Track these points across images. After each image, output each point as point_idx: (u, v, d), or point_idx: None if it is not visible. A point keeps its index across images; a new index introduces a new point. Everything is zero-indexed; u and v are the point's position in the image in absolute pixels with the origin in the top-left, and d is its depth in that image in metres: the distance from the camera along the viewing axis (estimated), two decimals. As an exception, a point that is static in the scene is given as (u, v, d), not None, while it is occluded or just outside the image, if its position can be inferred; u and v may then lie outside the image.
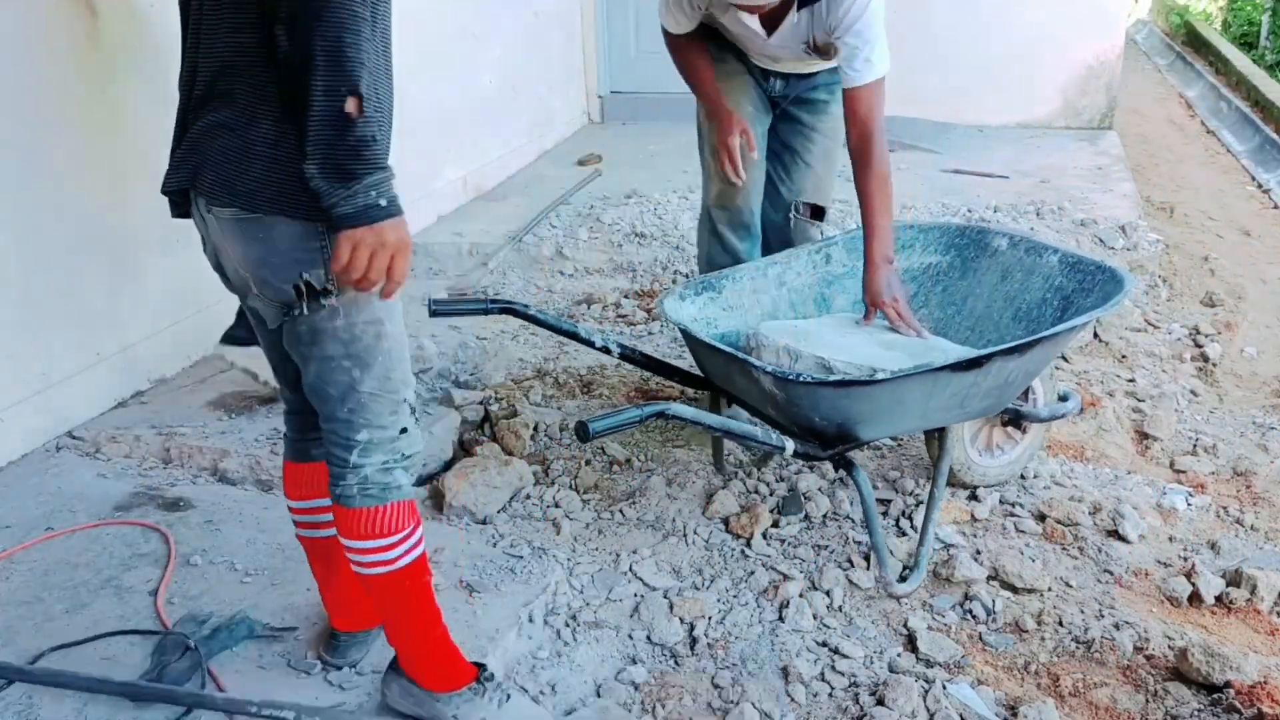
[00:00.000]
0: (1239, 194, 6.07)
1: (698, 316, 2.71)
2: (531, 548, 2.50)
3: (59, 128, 2.85)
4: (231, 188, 1.54)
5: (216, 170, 1.55)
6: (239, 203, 1.54)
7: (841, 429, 2.32)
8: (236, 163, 1.53)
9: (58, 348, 2.93)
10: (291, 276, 1.56)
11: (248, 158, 1.52)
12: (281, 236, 1.54)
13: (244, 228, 1.55)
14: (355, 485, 1.73)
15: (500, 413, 3.20)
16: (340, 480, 1.74)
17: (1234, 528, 2.81)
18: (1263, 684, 2.12)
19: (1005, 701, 2.13)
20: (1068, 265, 2.74)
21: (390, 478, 1.75)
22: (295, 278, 1.56)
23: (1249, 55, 9.58)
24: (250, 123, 1.52)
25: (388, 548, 1.75)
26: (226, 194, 1.55)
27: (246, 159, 1.52)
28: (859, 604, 2.45)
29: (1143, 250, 4.54)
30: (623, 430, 1.96)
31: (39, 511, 2.60)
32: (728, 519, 2.72)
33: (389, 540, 1.75)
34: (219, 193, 1.56)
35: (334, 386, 1.68)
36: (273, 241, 1.55)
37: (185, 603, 2.26)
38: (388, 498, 1.74)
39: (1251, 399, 3.63)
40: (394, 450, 1.75)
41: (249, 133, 1.52)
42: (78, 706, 1.95)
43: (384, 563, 1.76)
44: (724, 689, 2.18)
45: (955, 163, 5.81)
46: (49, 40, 2.82)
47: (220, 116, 1.55)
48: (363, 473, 1.73)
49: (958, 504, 2.78)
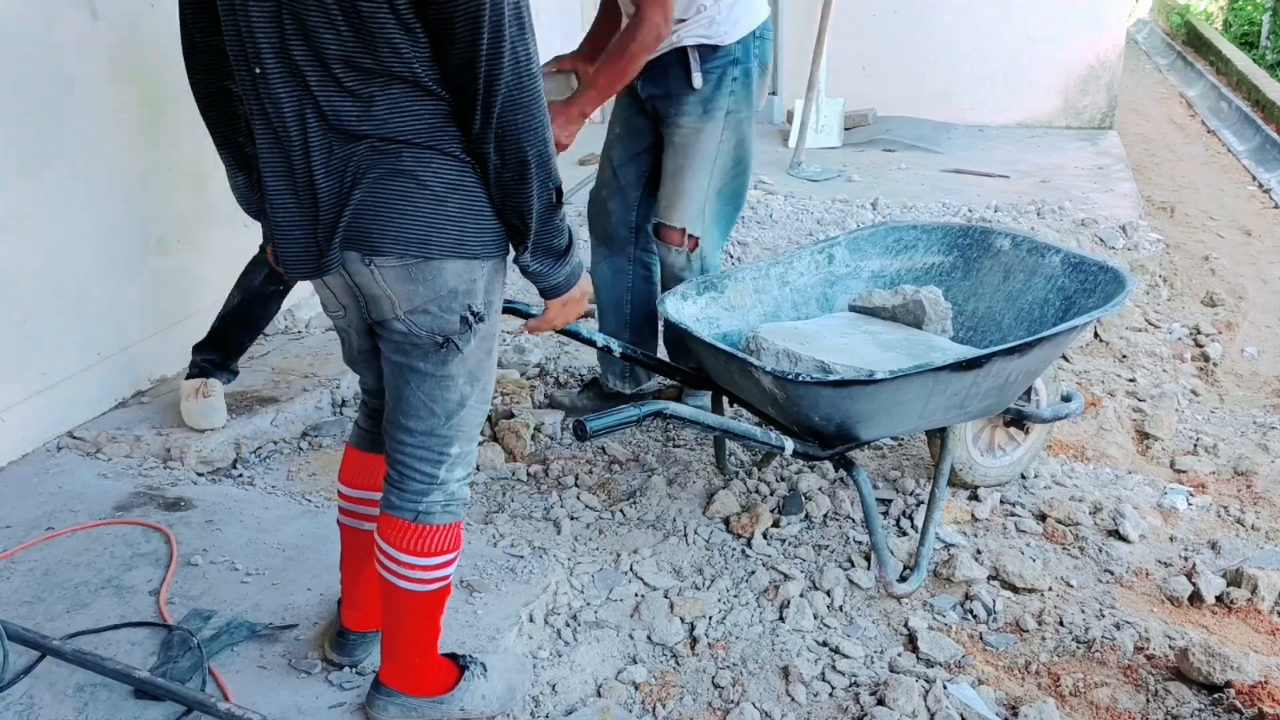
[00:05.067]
0: (1239, 194, 6.07)
1: (699, 316, 2.71)
2: (532, 547, 2.50)
3: (59, 128, 2.85)
4: (407, 237, 1.55)
5: (389, 222, 1.55)
6: (412, 250, 1.56)
7: (841, 429, 2.32)
8: (409, 212, 1.54)
9: (58, 348, 2.93)
10: (459, 310, 1.62)
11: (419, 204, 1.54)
12: (450, 275, 1.59)
13: (411, 272, 1.57)
14: (440, 502, 1.75)
15: (500, 412, 3.20)
16: (424, 496, 1.75)
17: (1234, 527, 2.81)
18: (1263, 684, 2.12)
19: (1006, 701, 2.13)
20: (1070, 265, 2.74)
21: (466, 493, 1.80)
22: (463, 310, 1.62)
23: (1249, 55, 9.58)
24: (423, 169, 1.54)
25: (442, 565, 1.78)
26: (400, 244, 1.55)
27: (419, 205, 1.54)
28: (859, 604, 2.45)
29: (1143, 250, 4.54)
30: (620, 429, 1.96)
31: (40, 511, 2.60)
32: (728, 519, 2.72)
33: (446, 558, 1.78)
34: (389, 244, 1.55)
35: (442, 404, 1.70)
36: (442, 280, 1.59)
37: (186, 602, 2.26)
38: (460, 514, 1.79)
39: (1252, 398, 3.63)
40: (470, 465, 1.79)
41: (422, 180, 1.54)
42: (78, 706, 1.95)
43: (434, 580, 1.78)
44: (724, 689, 2.18)
45: (956, 162, 5.81)
46: (49, 41, 2.81)
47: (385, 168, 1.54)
48: (449, 488, 1.76)
49: (958, 503, 2.78)
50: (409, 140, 1.52)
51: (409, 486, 1.75)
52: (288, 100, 1.52)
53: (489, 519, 2.74)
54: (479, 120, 1.49)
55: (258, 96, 1.55)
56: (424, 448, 1.73)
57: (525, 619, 2.25)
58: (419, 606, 1.81)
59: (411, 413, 1.71)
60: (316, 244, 1.58)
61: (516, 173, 1.53)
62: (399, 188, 1.54)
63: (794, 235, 4.71)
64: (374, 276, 1.58)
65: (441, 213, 1.55)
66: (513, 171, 1.53)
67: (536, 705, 2.09)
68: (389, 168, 1.53)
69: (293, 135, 1.53)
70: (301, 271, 1.63)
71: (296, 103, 1.52)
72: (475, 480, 2.94)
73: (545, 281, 1.69)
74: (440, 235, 1.56)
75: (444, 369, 1.67)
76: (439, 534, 1.76)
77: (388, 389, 1.75)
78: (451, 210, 1.55)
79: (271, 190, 1.59)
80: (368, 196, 1.54)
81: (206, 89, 1.69)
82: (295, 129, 1.53)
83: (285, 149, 1.55)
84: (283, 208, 1.59)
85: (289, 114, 1.52)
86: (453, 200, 1.55)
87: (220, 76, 1.65)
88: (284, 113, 1.52)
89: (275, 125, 1.54)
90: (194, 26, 1.64)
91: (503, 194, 1.57)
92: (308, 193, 1.56)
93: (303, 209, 1.57)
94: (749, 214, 4.92)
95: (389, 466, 1.78)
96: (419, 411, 1.71)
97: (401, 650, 1.85)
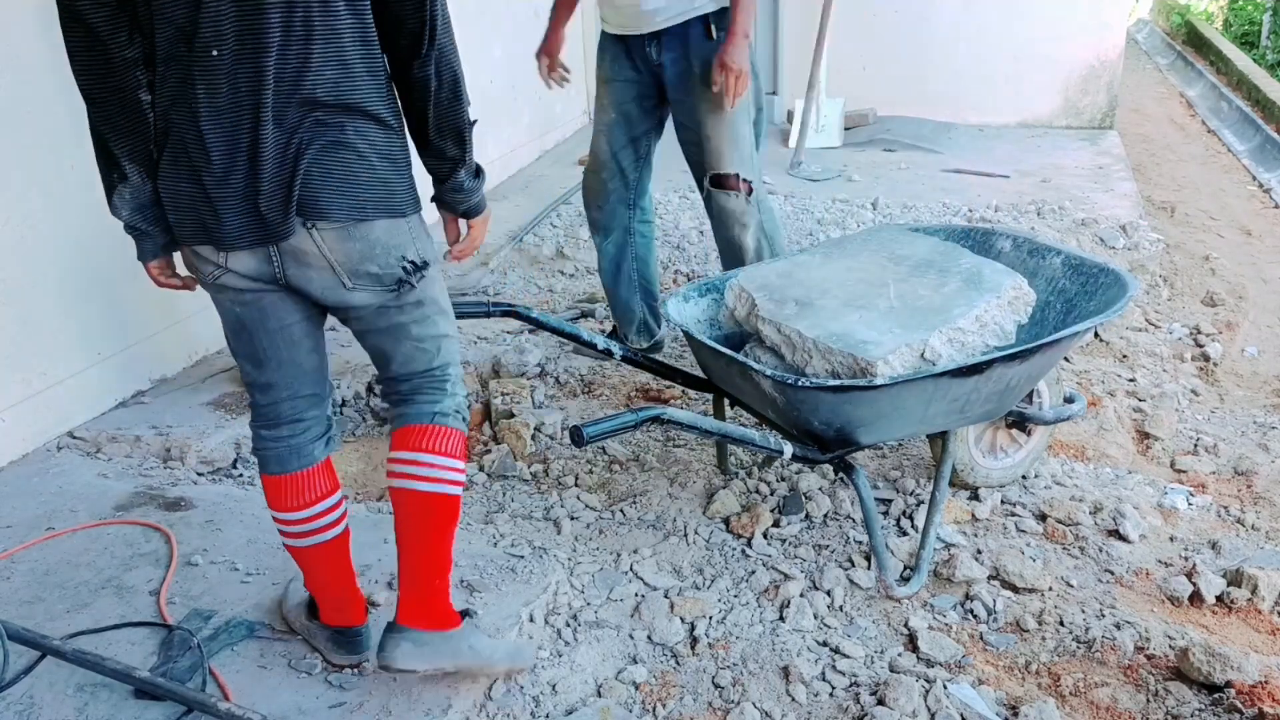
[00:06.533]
0: (1240, 193, 6.06)
1: (700, 318, 2.71)
2: (532, 547, 2.50)
3: (59, 128, 2.85)
4: (349, 203, 1.73)
5: (335, 190, 1.72)
6: (354, 215, 1.74)
7: (841, 433, 2.32)
8: (350, 180, 1.73)
9: (58, 348, 2.93)
10: (395, 261, 1.80)
11: (360, 171, 1.73)
12: (380, 231, 1.77)
13: (349, 231, 1.75)
14: (453, 409, 1.97)
15: (500, 412, 3.20)
16: (438, 403, 1.95)
17: (1235, 527, 2.81)
18: (1264, 684, 2.12)
19: (1006, 701, 2.13)
20: (1071, 267, 2.73)
21: (466, 410, 2.02)
22: (400, 261, 1.80)
23: (1250, 55, 9.58)
24: (360, 139, 1.73)
25: (461, 469, 1.97)
26: (343, 209, 1.73)
27: (359, 172, 1.73)
28: (860, 604, 2.45)
29: (1144, 250, 4.54)
30: (617, 435, 1.97)
31: (40, 511, 2.61)
32: (728, 519, 2.72)
33: (463, 463, 1.97)
34: (334, 210, 1.72)
35: (431, 342, 1.92)
36: (375, 236, 1.77)
37: (186, 602, 2.26)
38: (465, 427, 2.01)
39: (1252, 398, 3.63)
40: (462, 385, 2.01)
41: (360, 148, 1.73)
42: (78, 706, 1.95)
43: (456, 481, 1.95)
44: (725, 689, 2.18)
45: (956, 162, 5.81)
46: (50, 41, 2.81)
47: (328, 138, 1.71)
48: (458, 399, 1.99)
49: (959, 504, 2.78)
50: (350, 106, 1.71)
51: (420, 400, 1.95)
52: (244, 77, 1.65)
53: (489, 519, 2.74)
54: (425, 45, 1.73)
55: (209, 80, 1.65)
56: (427, 384, 1.94)
57: (525, 619, 2.25)
58: (443, 511, 1.94)
59: (410, 361, 1.92)
60: (261, 214, 1.70)
61: (451, 90, 1.78)
62: (342, 158, 1.72)
63: (794, 235, 4.71)
64: (314, 238, 1.74)
65: (375, 177, 1.75)
66: (448, 90, 1.78)
67: (537, 705, 2.09)
68: (333, 139, 1.70)
69: (245, 112, 1.66)
70: (248, 240, 1.73)
71: (253, 79, 1.65)
72: (475, 480, 2.94)
73: (472, 199, 1.93)
74: (374, 197, 1.75)
75: (419, 310, 1.88)
76: (455, 436, 1.96)
77: (377, 361, 1.96)
78: (382, 174, 1.76)
79: (219, 169, 1.69)
80: (314, 167, 1.70)
81: (121, 104, 1.72)
82: (250, 105, 1.66)
83: (234, 128, 1.67)
84: (229, 182, 1.70)
85: (245, 91, 1.65)
86: (382, 165, 1.76)
87: (134, 88, 1.72)
88: (240, 90, 1.65)
89: (225, 106, 1.66)
90: (110, 41, 1.67)
91: (439, 117, 1.80)
92: (256, 166, 1.68)
93: (251, 182, 1.69)
94: (749, 214, 4.92)
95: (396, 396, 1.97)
96: (414, 357, 1.92)
97: (425, 574, 1.95)
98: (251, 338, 1.88)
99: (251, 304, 1.84)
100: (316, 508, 1.98)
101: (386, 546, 2.46)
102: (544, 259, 4.58)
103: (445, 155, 1.85)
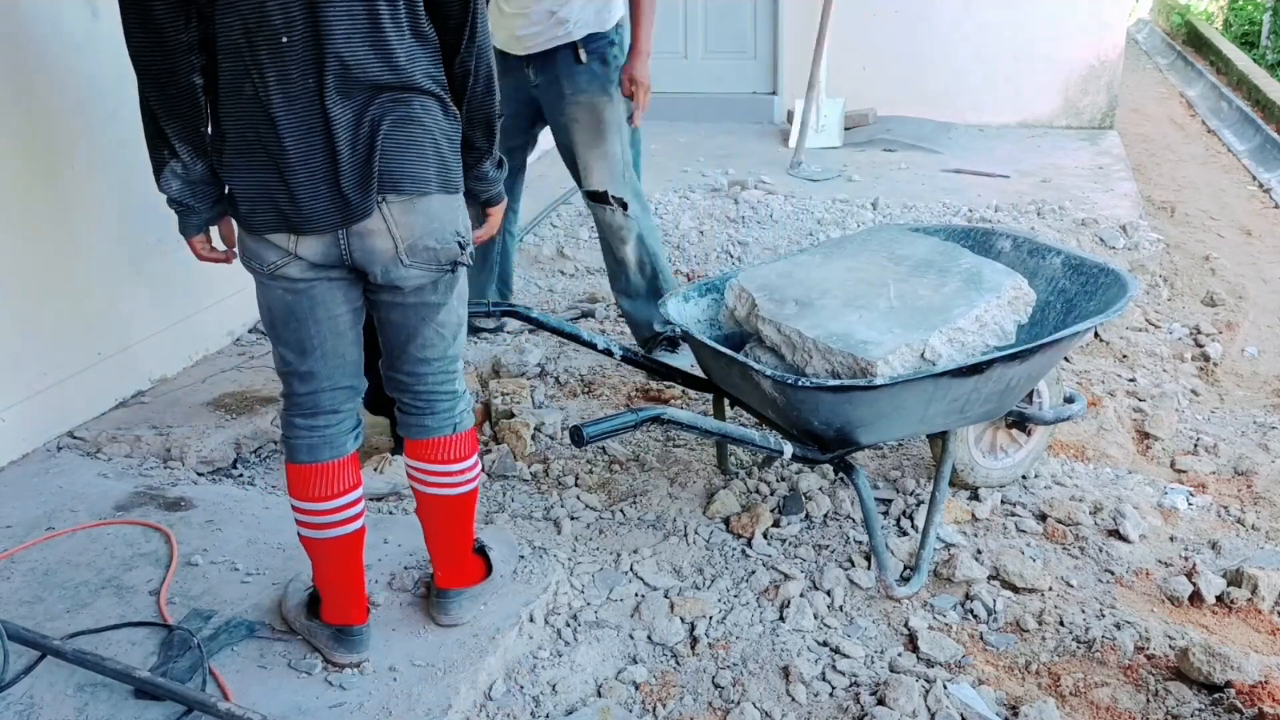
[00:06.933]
0: (1240, 193, 6.06)
1: (701, 318, 2.71)
2: (532, 547, 2.50)
3: (59, 127, 2.85)
4: (418, 176, 1.81)
5: (408, 164, 1.80)
6: (420, 188, 1.82)
7: (841, 433, 2.32)
8: (419, 154, 1.81)
9: (58, 348, 2.93)
10: (452, 237, 1.88)
11: (427, 145, 1.82)
12: (438, 206, 1.85)
13: (413, 204, 1.82)
14: (462, 408, 2.08)
15: (500, 412, 3.20)
16: (452, 411, 2.07)
17: (1235, 527, 2.81)
18: (1264, 684, 2.12)
19: (1006, 701, 2.13)
20: (1071, 267, 2.73)
21: (471, 398, 2.14)
22: (455, 236, 1.88)
23: (1250, 55, 9.57)
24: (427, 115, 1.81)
25: (478, 462, 2.13)
26: (415, 182, 1.81)
27: (426, 146, 1.82)
28: (860, 604, 2.45)
29: (1144, 250, 4.54)
30: (617, 435, 1.98)
31: (40, 511, 2.61)
32: (728, 519, 2.72)
33: (477, 456, 2.12)
34: (406, 183, 1.80)
35: (450, 328, 2.00)
36: (433, 211, 1.85)
37: (186, 602, 2.26)
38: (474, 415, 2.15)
39: (1252, 398, 3.63)
40: (464, 376, 2.11)
41: (426, 123, 1.81)
42: (78, 706, 1.95)
43: (476, 476, 2.11)
44: (725, 689, 2.18)
45: (956, 162, 5.81)
46: (51, 41, 2.82)
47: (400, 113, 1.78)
48: (466, 398, 2.10)
49: (959, 503, 2.78)
50: (416, 87, 1.78)
51: (439, 408, 2.05)
52: (314, 63, 1.71)
53: (489, 519, 2.74)
54: (466, 40, 1.82)
55: (280, 67, 1.70)
56: (442, 371, 2.03)
57: (525, 619, 2.25)
58: (470, 504, 2.14)
59: (427, 345, 1.99)
60: (343, 194, 1.76)
61: (486, 85, 1.88)
62: (411, 132, 1.79)
63: (794, 235, 4.71)
64: (383, 212, 1.80)
65: (437, 153, 1.84)
66: (484, 84, 1.88)
67: (537, 705, 2.09)
68: (403, 113, 1.78)
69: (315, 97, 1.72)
70: (330, 223, 1.78)
71: (323, 64, 1.71)
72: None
73: (494, 188, 2.03)
74: (436, 172, 1.84)
75: (450, 295, 1.96)
76: (471, 434, 2.11)
77: (395, 340, 2.00)
78: (443, 150, 1.85)
79: (293, 154, 1.74)
80: (387, 141, 1.77)
81: (177, 87, 1.75)
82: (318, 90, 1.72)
83: (307, 113, 1.73)
84: (307, 166, 1.75)
85: (314, 76, 1.71)
86: (443, 142, 1.85)
87: (188, 71, 1.74)
88: (309, 76, 1.71)
89: (297, 93, 1.72)
90: (167, 25, 1.70)
91: (472, 110, 1.89)
92: (333, 147, 1.74)
93: (330, 163, 1.75)
94: (749, 214, 4.92)
95: (409, 400, 2.05)
96: (433, 341, 1.99)
97: (457, 550, 2.18)
98: (300, 326, 1.90)
99: (304, 292, 1.86)
100: (342, 499, 1.99)
101: (386, 546, 2.46)
102: (544, 259, 4.58)
103: (474, 145, 1.93)
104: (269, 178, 1.76)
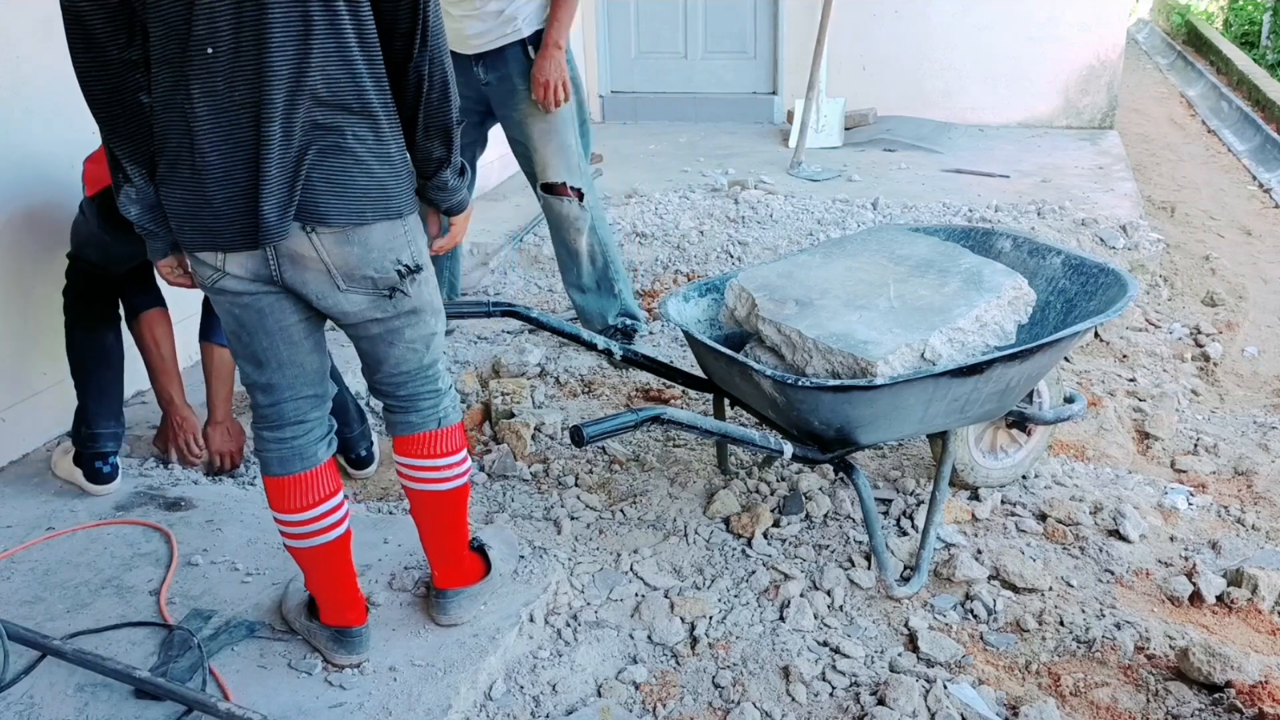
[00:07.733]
0: (1240, 193, 6.06)
1: (700, 318, 2.71)
2: (532, 547, 2.50)
3: (59, 127, 2.85)
4: (349, 208, 1.75)
5: (335, 197, 1.74)
6: (353, 220, 1.76)
7: (841, 433, 2.32)
8: (348, 186, 1.75)
9: (58, 348, 2.93)
10: (391, 265, 1.82)
11: (359, 176, 1.76)
12: (378, 235, 1.80)
13: (348, 235, 1.77)
14: (448, 404, 2.07)
15: (500, 412, 3.20)
16: (436, 406, 2.05)
17: (1235, 527, 2.81)
18: (1264, 684, 2.12)
19: (1006, 701, 2.13)
20: (1071, 267, 2.73)
21: (458, 397, 2.14)
22: (395, 265, 1.83)
23: (1250, 54, 9.57)
24: (358, 144, 1.75)
25: (467, 458, 2.11)
26: (343, 215, 1.75)
27: (357, 177, 1.75)
28: (860, 603, 2.45)
29: (1144, 250, 4.54)
30: (617, 435, 1.98)
31: (40, 511, 2.61)
32: (729, 518, 2.72)
33: (465, 451, 2.11)
34: (334, 215, 1.75)
35: (423, 341, 1.97)
36: (372, 241, 1.79)
37: (186, 602, 2.26)
38: (460, 412, 2.13)
39: (1252, 398, 3.63)
40: (448, 374, 2.10)
41: (359, 153, 1.75)
42: (78, 706, 1.95)
43: (465, 472, 2.10)
44: (725, 689, 2.18)
45: (956, 162, 5.81)
46: (51, 41, 2.81)
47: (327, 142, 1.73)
48: (451, 394, 2.08)
49: (959, 503, 2.78)
50: (348, 105, 1.72)
51: (422, 406, 2.03)
52: (243, 75, 1.65)
53: (489, 519, 2.75)
54: (418, 47, 1.75)
55: (205, 80, 1.66)
56: (423, 378, 2.01)
57: (525, 619, 2.25)
58: (460, 499, 2.12)
59: (402, 361, 1.97)
60: (260, 213, 1.70)
61: (441, 91, 1.81)
62: (341, 163, 1.74)
63: (794, 235, 4.71)
64: (313, 242, 1.76)
65: (373, 181, 1.77)
66: (439, 91, 1.80)
67: (537, 705, 2.09)
68: (331, 143, 1.72)
69: (245, 111, 1.67)
70: (245, 242, 1.74)
71: (254, 77, 1.65)
72: (475, 480, 2.94)
73: (455, 197, 1.97)
74: (372, 201, 1.77)
75: (412, 315, 1.91)
76: (458, 431, 2.09)
77: (369, 361, 1.99)
78: (379, 177, 1.78)
79: (217, 170, 1.70)
80: (314, 171, 1.72)
81: (121, 105, 1.74)
82: (249, 104, 1.66)
83: (233, 127, 1.68)
84: (228, 181, 1.70)
85: (244, 89, 1.66)
86: (380, 169, 1.78)
87: (134, 89, 1.73)
88: (238, 89, 1.66)
89: (224, 105, 1.67)
90: (109, 44, 1.69)
91: (429, 118, 1.82)
92: (259, 165, 1.69)
93: (253, 181, 1.70)
94: (749, 214, 4.92)
95: (394, 401, 2.03)
96: (406, 358, 1.97)
97: (452, 548, 2.17)
98: (251, 339, 1.88)
99: (250, 306, 1.84)
100: (319, 509, 1.98)
101: (386, 546, 2.46)
102: (544, 259, 4.58)
103: (432, 155, 1.87)
104: (193, 194, 1.72)
